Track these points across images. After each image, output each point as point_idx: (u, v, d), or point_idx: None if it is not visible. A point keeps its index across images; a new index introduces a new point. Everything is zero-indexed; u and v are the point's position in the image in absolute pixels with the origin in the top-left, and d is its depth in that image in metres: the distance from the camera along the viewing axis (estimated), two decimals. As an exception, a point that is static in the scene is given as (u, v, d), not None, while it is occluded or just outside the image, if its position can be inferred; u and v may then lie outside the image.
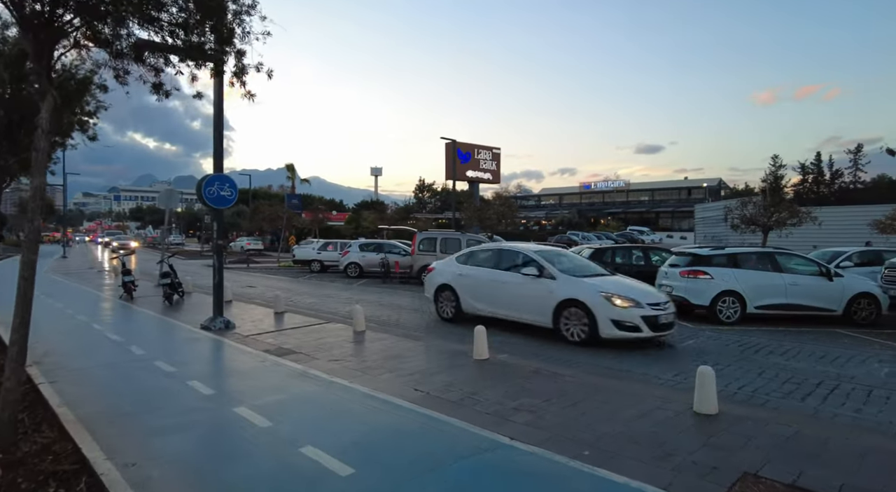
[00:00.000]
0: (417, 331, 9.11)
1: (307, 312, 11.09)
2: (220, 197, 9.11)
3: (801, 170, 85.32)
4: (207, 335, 8.46)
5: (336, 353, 7.12)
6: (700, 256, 10.23)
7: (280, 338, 8.16)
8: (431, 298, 10.29)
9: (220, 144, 9.15)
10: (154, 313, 10.72)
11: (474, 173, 43.95)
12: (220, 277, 9.16)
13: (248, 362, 6.67)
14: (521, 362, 6.59)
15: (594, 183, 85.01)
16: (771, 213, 21.61)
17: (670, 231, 68.71)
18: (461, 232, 19.50)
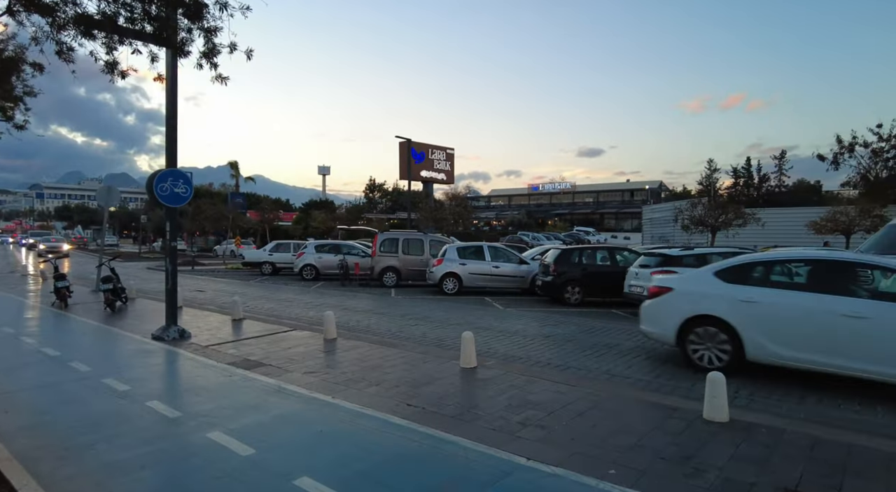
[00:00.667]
0: (391, 337, 8.63)
1: (268, 318, 10.36)
2: (174, 194, 8.30)
3: (733, 174, 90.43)
4: (161, 347, 7.65)
5: (310, 364, 6.57)
6: (670, 256, 10.31)
7: (244, 348, 7.49)
8: (671, 338, 6.56)
9: (173, 136, 8.33)
10: (95, 322, 9.69)
11: (428, 173, 43.63)
12: (173, 281, 8.34)
13: (214, 377, 6.01)
14: (509, 369, 6.27)
15: (542, 185, 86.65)
16: (718, 214, 22.52)
17: (614, 231, 71.01)
18: (423, 233, 19.03)
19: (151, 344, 7.84)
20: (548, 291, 12.99)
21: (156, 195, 8.09)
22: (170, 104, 8.27)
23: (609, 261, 12.94)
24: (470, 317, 10.74)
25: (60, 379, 5.97)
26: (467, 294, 14.76)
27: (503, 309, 11.98)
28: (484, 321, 10.18)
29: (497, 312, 11.45)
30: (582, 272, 12.65)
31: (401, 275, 17.13)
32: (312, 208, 59.58)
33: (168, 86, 8.24)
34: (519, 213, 75.17)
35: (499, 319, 10.57)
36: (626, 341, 8.29)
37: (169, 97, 8.27)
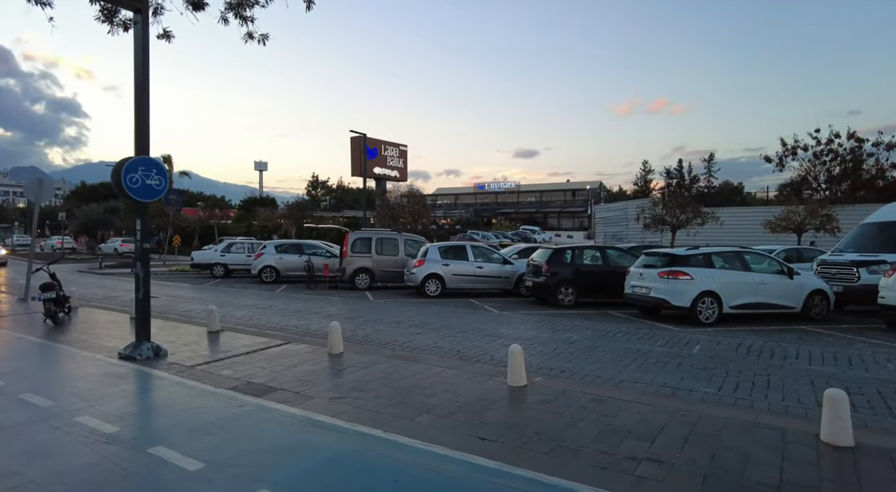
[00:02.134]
0: (401, 348, 7.74)
1: (248, 329, 9.15)
2: (147, 187, 7.00)
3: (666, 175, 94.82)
4: (135, 369, 6.39)
5: (330, 386, 5.60)
6: (677, 256, 10.03)
7: (240, 368, 6.37)
8: None
9: (144, 115, 7.03)
10: (39, 339, 8.14)
11: (382, 170, 42.36)
12: (145, 289, 7.04)
13: (220, 409, 4.93)
14: (564, 388, 5.60)
15: (487, 184, 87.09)
16: (678, 213, 23.00)
17: (557, 230, 72.50)
18: (398, 232, 18.07)
19: (121, 365, 6.55)
20: (539, 292, 12.47)
21: (124, 188, 6.77)
22: (140, 75, 6.98)
23: (601, 260, 12.60)
24: (471, 323, 10.00)
25: (17, 419, 4.68)
26: (450, 296, 14.00)
27: (499, 313, 11.32)
28: (489, 327, 9.47)
29: (495, 317, 10.77)
30: (575, 272, 12.22)
31: (374, 276, 16.11)
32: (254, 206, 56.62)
33: (138, 53, 6.95)
34: (466, 212, 75.12)
35: (502, 324, 9.89)
36: (654, 347, 7.84)
37: (139, 67, 6.97)
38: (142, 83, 7.00)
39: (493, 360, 7.03)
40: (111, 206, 37.86)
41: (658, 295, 9.80)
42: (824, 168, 26.33)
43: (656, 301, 9.91)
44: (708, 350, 7.67)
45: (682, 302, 9.58)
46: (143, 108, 7.01)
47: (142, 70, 6.97)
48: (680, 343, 8.12)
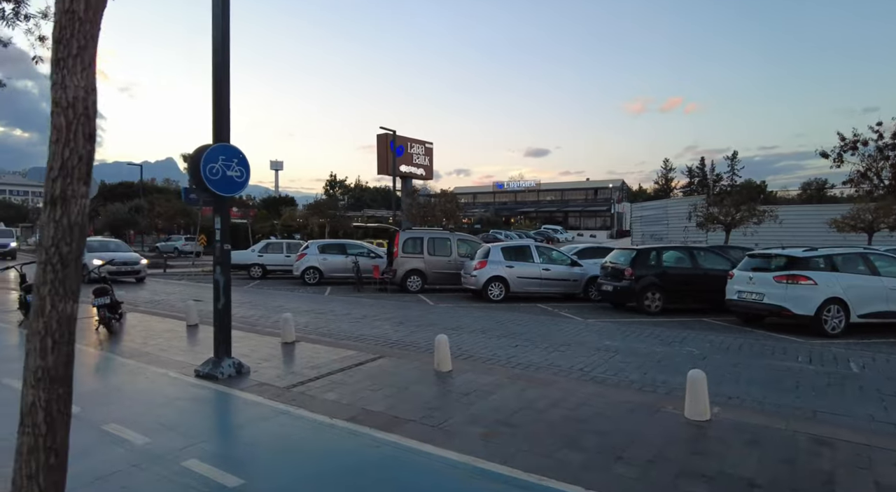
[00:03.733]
0: (516, 366, 6.76)
1: (322, 339, 8.25)
2: (227, 179, 6.10)
3: (688, 173, 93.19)
4: (221, 391, 5.48)
5: (467, 417, 4.64)
6: (796, 258, 8.94)
7: (344, 390, 5.43)
8: None
9: (224, 97, 6.12)
10: (100, 351, 7.28)
11: (408, 168, 41.34)
12: (226, 298, 6.13)
13: (355, 450, 3.98)
14: (765, 422, 4.58)
15: (507, 183, 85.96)
16: (734, 211, 21.81)
17: (579, 230, 71.29)
18: (450, 231, 17.12)
19: (203, 386, 5.64)
20: (622, 297, 11.43)
21: (203, 180, 5.87)
22: (220, 52, 6.06)
23: (689, 262, 11.52)
24: (564, 333, 9.00)
25: (114, 462, 3.77)
26: (514, 301, 13.02)
27: (584, 320, 10.30)
28: (589, 339, 8.47)
29: (585, 326, 9.74)
30: (662, 276, 11.16)
31: (426, 278, 15.16)
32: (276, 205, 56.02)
33: (217, 25, 6.04)
34: (486, 210, 73.99)
35: (599, 334, 8.88)
36: (801, 364, 6.79)
37: (218, 43, 6.06)
38: (221, 62, 6.09)
39: (631, 381, 6.03)
40: (136, 204, 37.34)
41: (774, 302, 8.74)
42: (888, 163, 24.87)
43: (772, 309, 8.85)
44: (873, 368, 6.60)
45: (804, 310, 8.51)
46: (223, 90, 6.10)
47: (221, 47, 6.06)
48: (825, 359, 7.06)
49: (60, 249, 1.61)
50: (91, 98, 1.60)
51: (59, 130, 1.59)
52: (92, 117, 1.61)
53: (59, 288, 1.61)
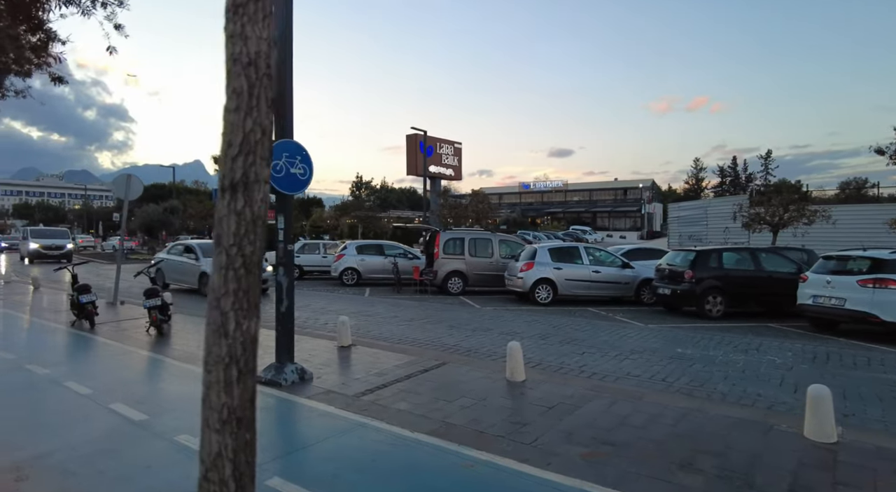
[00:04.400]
0: (591, 375, 6.35)
1: (377, 343, 7.95)
2: (291, 177, 5.85)
3: (719, 173, 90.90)
4: (287, 399, 5.21)
5: (559, 434, 4.25)
6: (884, 260, 8.29)
7: (416, 400, 5.10)
8: None
9: (286, 90, 5.86)
10: (154, 354, 7.10)
11: (437, 169, 41.03)
12: (289, 302, 5.87)
13: (448, 471, 3.64)
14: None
15: (533, 183, 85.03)
16: (782, 211, 20.89)
17: (608, 230, 70.06)
18: (491, 232, 16.74)
19: (269, 393, 5.38)
20: (681, 301, 10.89)
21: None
22: (282, 45, 5.81)
23: (752, 264, 10.90)
24: (628, 340, 8.54)
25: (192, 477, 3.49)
26: (562, 304, 12.55)
27: (645, 326, 9.80)
28: (659, 347, 7.99)
29: (647, 332, 9.23)
30: (724, 278, 10.57)
31: (468, 280, 14.79)
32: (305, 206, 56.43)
33: (280, 19, 5.78)
34: (513, 211, 73.27)
35: (669, 341, 8.39)
36: (903, 377, 6.22)
37: (281, 36, 5.80)
38: (283, 55, 5.83)
39: (722, 393, 5.57)
40: (170, 205, 37.89)
41: (859, 308, 8.14)
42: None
43: (855, 315, 8.24)
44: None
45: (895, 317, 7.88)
46: (285, 84, 5.84)
47: (283, 40, 5.80)
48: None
49: (244, 249, 1.29)
50: (272, 55, 1.28)
51: (240, 94, 1.27)
52: (273, 78, 1.29)
53: (244, 300, 1.29)
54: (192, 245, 14.88)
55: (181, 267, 14.70)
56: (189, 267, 14.40)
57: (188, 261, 14.52)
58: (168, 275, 15.12)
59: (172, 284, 15.16)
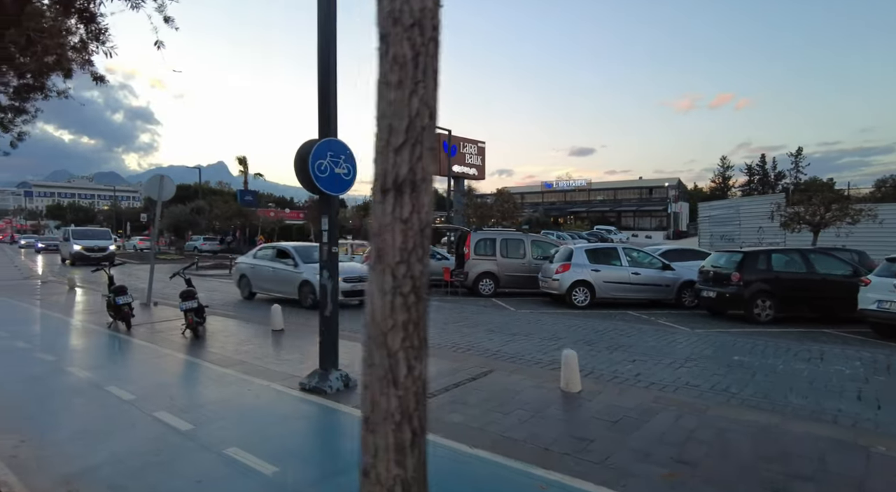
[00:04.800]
0: (650, 385, 6.02)
1: (417, 348, 7.70)
2: (335, 177, 5.63)
3: (747, 171, 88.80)
4: (334, 409, 4.99)
5: (632, 452, 3.95)
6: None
7: (470, 413, 4.83)
8: None
9: (329, 87, 5.64)
10: (192, 357, 6.97)
11: (461, 168, 40.77)
12: (334, 305, 5.66)
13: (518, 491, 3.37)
14: None
15: (556, 182, 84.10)
16: (823, 210, 20.11)
17: (633, 230, 68.89)
18: (523, 232, 16.41)
19: (313, 402, 5.17)
20: (727, 305, 10.43)
21: (311, 177, 5.40)
22: (325, 41, 5.60)
23: (803, 266, 10.37)
24: (677, 346, 8.14)
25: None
26: (599, 307, 12.15)
27: (691, 330, 9.37)
28: (711, 353, 7.60)
29: (698, 338, 8.80)
30: (774, 281, 10.08)
31: (499, 282, 14.49)
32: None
33: (323, 11, 5.57)
34: (536, 211, 72.53)
35: (721, 348, 7.98)
36: None
37: (322, 31, 5.59)
38: (326, 51, 5.61)
39: (794, 407, 5.18)
40: (197, 206, 38.33)
41: (928, 312, 7.61)
42: None
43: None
44: None
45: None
46: (329, 81, 5.62)
47: (325, 36, 5.58)
48: None
49: (412, 268, 1.02)
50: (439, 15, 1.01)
51: (403, 64, 0.99)
52: (438, 46, 1.01)
53: (415, 336, 1.04)
54: (287, 249, 12.75)
55: (275, 275, 12.58)
56: (286, 275, 12.25)
57: (285, 268, 12.33)
58: (256, 283, 13.20)
59: (261, 294, 13.39)
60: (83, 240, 25.98)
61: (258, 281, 13.16)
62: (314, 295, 9.71)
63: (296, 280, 11.88)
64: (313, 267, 10.33)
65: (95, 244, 25.57)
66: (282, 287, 12.45)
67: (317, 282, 8.55)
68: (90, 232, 28.54)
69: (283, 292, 12.40)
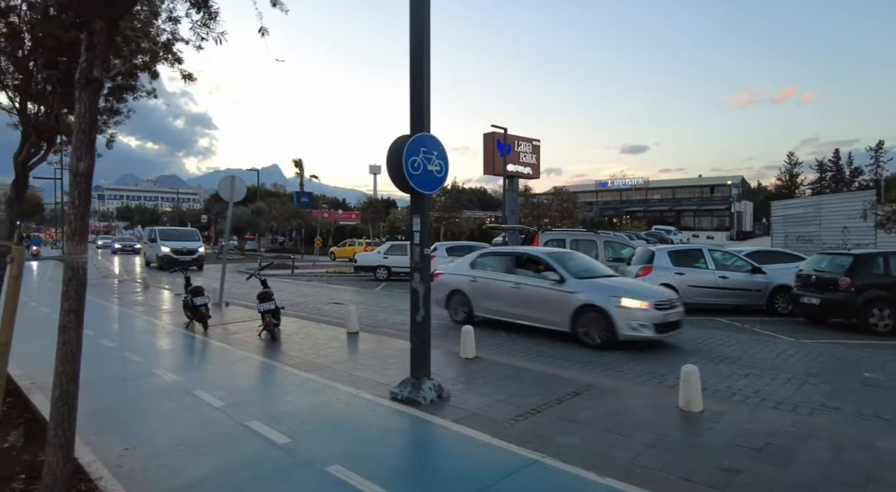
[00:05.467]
0: (778, 406, 5.36)
1: (504, 357, 7.28)
2: (428, 174, 5.29)
3: (818, 168, 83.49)
4: (430, 422, 4.64)
5: (790, 487, 3.37)
6: None
7: (579, 431, 4.36)
8: None
9: (422, 79, 5.30)
10: (273, 361, 6.81)
11: (515, 167, 39.89)
12: (426, 310, 5.32)
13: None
14: None
15: (611, 181, 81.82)
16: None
17: (694, 230, 66.00)
18: (594, 232, 15.71)
19: (408, 414, 4.83)
20: (833, 312, 9.47)
21: (405, 174, 5.08)
22: (417, 32, 5.26)
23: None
24: (789, 358, 7.35)
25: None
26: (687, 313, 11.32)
27: (796, 340, 8.51)
28: (834, 367, 6.79)
29: (809, 350, 7.96)
30: (893, 287, 9.03)
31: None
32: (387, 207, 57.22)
33: (415, 2, 5.24)
34: (590, 211, 70.66)
35: (843, 362, 7.14)
36: None
37: (416, 21, 5.26)
38: (418, 42, 5.27)
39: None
40: (257, 207, 39.43)
41: None
42: None
43: None
44: None
45: None
46: (422, 74, 5.27)
47: (418, 26, 5.24)
48: None
49: None
50: None
51: None
52: None
53: None
54: (540, 256, 8.98)
55: (523, 294, 8.77)
56: (547, 296, 8.39)
57: (540, 284, 8.52)
58: (483, 304, 9.44)
59: (489, 316, 9.46)
60: (171, 241, 24.22)
61: (486, 301, 9.38)
62: (606, 327, 7.59)
63: (567, 304, 8.08)
64: (594, 284, 8.16)
65: (184, 246, 23.96)
66: (537, 313, 8.60)
67: (609, 305, 7.36)
68: (177, 232, 26.54)
69: (538, 320, 8.62)
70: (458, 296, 9.95)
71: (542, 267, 8.75)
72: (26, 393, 5.32)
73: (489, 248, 10.70)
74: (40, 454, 3.96)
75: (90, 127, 2.83)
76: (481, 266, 9.84)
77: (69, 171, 2.85)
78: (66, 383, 2.79)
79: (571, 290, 8.12)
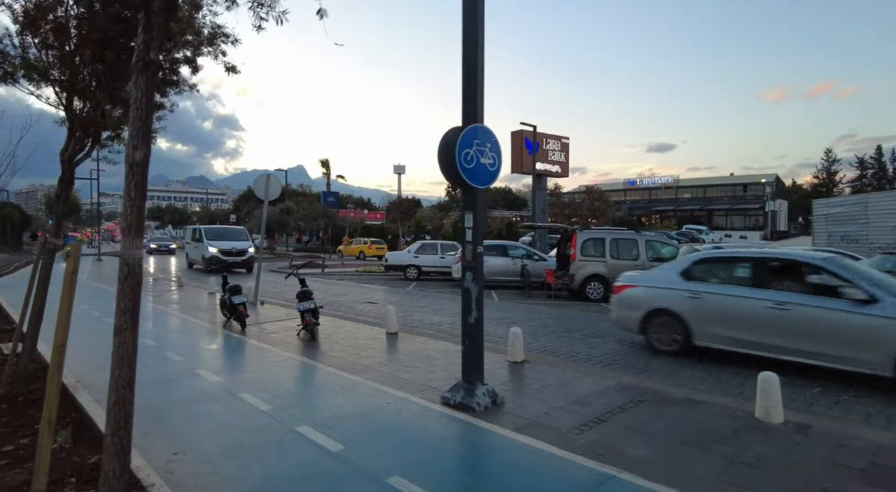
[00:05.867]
0: (830, 410, 4.94)
1: (556, 361, 6.99)
2: (481, 167, 5.03)
3: (858, 164, 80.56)
4: (488, 430, 4.36)
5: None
6: None
7: (651, 445, 4.03)
8: None
9: (475, 66, 5.03)
10: (316, 362, 6.62)
11: (543, 166, 39.36)
12: (479, 312, 5.05)
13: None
14: None
15: (639, 179, 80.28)
16: None
17: (726, 230, 64.29)
18: (635, 230, 15.25)
19: (463, 422, 4.56)
20: None
21: (458, 168, 4.82)
22: (471, 20, 4.99)
23: None
24: None
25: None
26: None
27: None
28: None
29: None
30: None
31: (609, 286, 13.41)
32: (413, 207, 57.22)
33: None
34: (619, 209, 69.42)
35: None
36: None
37: (470, 11, 4.99)
38: (472, 31, 5.01)
39: None
40: (286, 207, 39.74)
41: None
42: None
43: None
44: None
45: None
46: (476, 63, 5.00)
47: (472, 15, 4.98)
48: None
49: None
50: None
51: None
52: None
53: None
54: (818, 263, 6.42)
55: (800, 320, 6.10)
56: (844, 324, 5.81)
57: (825, 306, 5.97)
58: (707, 328, 6.89)
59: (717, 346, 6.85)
60: (219, 241, 21.91)
61: (720, 327, 6.81)
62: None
63: (888, 337, 5.51)
64: None
65: (233, 246, 21.72)
66: (824, 347, 5.93)
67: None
68: (225, 231, 24.05)
69: (825, 357, 5.94)
70: (664, 317, 7.44)
71: (823, 280, 6.23)
72: (72, 392, 5.24)
73: (705, 252, 8.38)
74: (90, 456, 3.84)
75: (146, 113, 2.65)
76: (704, 276, 7.29)
77: (125, 161, 2.67)
78: (122, 388, 2.61)
79: (887, 314, 5.58)
